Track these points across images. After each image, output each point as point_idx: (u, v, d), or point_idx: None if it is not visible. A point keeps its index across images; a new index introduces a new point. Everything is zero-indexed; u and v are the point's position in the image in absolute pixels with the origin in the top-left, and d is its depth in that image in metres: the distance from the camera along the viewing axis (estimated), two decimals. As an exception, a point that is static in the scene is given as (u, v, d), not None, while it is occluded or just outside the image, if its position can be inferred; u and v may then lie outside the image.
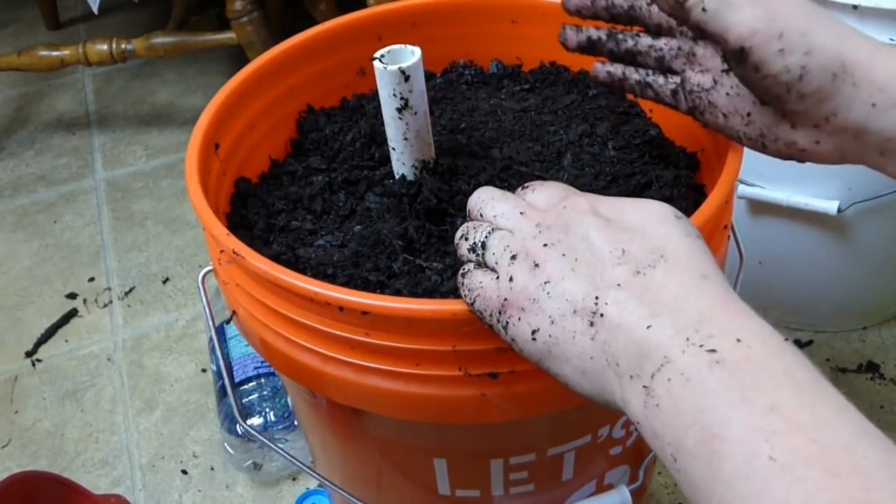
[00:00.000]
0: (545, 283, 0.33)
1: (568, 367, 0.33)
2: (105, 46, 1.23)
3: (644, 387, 0.29)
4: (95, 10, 1.22)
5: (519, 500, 0.50)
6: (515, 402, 0.40)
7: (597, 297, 0.32)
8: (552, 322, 0.33)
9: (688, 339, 0.29)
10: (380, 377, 0.40)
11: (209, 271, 0.50)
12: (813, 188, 0.78)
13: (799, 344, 0.89)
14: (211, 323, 0.52)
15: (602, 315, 0.31)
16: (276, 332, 0.42)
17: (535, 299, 0.33)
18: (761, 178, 0.80)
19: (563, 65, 0.59)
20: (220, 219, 0.43)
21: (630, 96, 0.50)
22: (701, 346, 0.28)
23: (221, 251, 0.44)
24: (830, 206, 0.77)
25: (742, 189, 0.81)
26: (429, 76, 0.60)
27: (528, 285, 0.34)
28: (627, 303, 0.31)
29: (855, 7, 0.66)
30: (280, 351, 0.43)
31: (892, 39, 0.66)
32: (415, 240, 0.45)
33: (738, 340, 0.28)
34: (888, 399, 0.83)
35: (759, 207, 0.83)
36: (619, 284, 0.32)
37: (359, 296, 0.37)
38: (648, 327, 0.30)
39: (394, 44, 0.45)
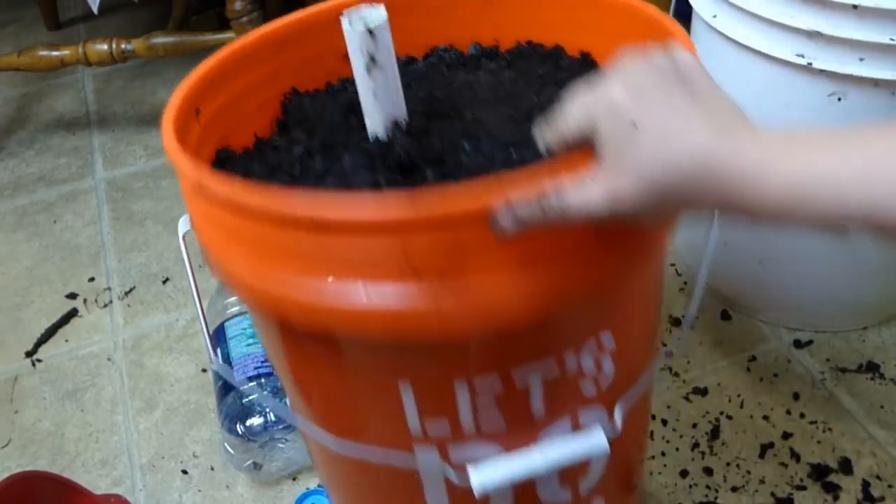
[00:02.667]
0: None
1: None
2: (105, 46, 1.23)
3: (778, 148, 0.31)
4: (95, 10, 1.22)
5: (490, 438, 0.50)
6: (469, 312, 0.39)
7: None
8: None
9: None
10: (336, 292, 0.40)
11: (188, 231, 0.51)
12: (813, 188, 0.78)
13: (799, 344, 0.90)
14: (191, 276, 0.54)
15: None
16: (239, 260, 0.43)
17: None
18: (761, 178, 0.80)
19: (538, 42, 0.61)
20: None
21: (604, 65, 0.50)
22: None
23: (192, 188, 0.44)
24: (830, 206, 0.77)
25: (742, 189, 0.81)
26: (411, 61, 0.62)
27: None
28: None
29: (855, 7, 0.66)
30: (244, 279, 0.43)
31: (892, 39, 0.66)
32: (384, 189, 0.46)
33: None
34: (888, 399, 0.83)
35: (759, 207, 0.83)
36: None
37: (309, 200, 0.37)
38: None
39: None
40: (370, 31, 0.45)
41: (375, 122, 0.49)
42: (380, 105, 0.48)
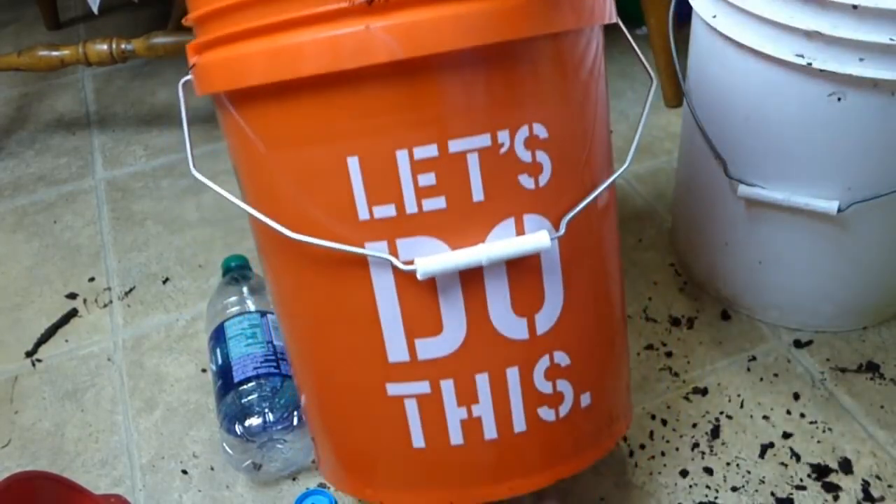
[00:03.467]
0: None
1: None
2: (105, 46, 1.23)
3: None
4: (95, 10, 1.22)
5: (434, 220, 0.52)
6: (398, 37, 0.47)
7: None
8: None
9: None
10: (287, 39, 0.49)
11: (188, 80, 0.59)
12: (813, 188, 0.78)
13: (799, 344, 0.90)
14: (186, 130, 0.60)
15: None
16: (218, 58, 0.53)
17: None
18: (761, 178, 0.81)
19: None
20: None
21: None
22: None
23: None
24: (830, 206, 0.77)
25: (742, 189, 0.81)
26: None
27: None
28: None
29: (855, 7, 0.66)
30: (220, 64, 0.52)
31: (892, 39, 0.66)
32: None
33: None
34: (888, 399, 0.83)
35: (759, 207, 0.83)
36: None
37: None
38: None
39: None
40: None
41: None
42: None
